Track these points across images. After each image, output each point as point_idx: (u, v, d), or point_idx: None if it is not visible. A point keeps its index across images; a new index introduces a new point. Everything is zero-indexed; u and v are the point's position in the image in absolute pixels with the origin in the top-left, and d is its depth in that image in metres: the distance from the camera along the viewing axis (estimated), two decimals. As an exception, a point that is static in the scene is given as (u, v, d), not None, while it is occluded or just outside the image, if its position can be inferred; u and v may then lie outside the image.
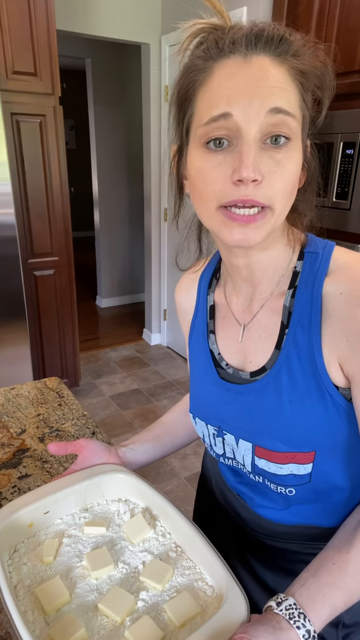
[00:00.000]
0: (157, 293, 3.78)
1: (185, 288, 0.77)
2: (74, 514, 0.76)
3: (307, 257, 0.60)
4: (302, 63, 0.51)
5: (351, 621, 0.71)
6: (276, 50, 0.50)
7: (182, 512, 0.70)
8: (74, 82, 6.09)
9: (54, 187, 2.56)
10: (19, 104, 2.33)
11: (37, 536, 0.71)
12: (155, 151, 3.39)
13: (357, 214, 1.91)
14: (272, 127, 0.49)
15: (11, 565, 0.66)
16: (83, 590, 0.63)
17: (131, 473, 0.79)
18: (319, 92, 0.54)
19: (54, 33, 2.31)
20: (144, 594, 0.62)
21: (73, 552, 0.69)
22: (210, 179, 0.51)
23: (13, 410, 1.13)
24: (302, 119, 0.53)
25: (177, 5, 2.93)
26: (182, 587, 0.63)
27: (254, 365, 0.64)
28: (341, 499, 0.67)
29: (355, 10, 1.85)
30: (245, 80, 0.49)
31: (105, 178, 4.37)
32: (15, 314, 2.41)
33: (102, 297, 4.78)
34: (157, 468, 2.42)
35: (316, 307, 0.57)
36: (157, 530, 0.72)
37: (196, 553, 0.66)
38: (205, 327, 0.71)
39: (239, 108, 0.49)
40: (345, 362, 0.57)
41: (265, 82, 0.49)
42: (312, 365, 0.58)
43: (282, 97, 0.49)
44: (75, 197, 6.33)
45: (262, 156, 0.50)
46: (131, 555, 0.69)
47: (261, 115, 0.49)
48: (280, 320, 0.61)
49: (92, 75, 4.04)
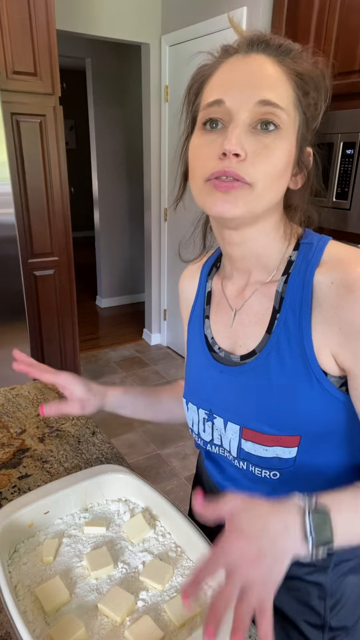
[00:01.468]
0: (157, 293, 3.78)
1: (190, 275, 0.80)
2: (74, 514, 0.76)
3: (302, 247, 0.63)
4: (299, 65, 0.56)
5: (338, 624, 0.71)
6: (275, 52, 0.56)
7: (182, 512, 0.70)
8: (74, 82, 6.09)
9: (54, 187, 2.56)
10: (19, 104, 2.33)
11: (37, 536, 0.71)
12: (155, 151, 3.39)
13: (357, 214, 1.91)
14: (261, 115, 0.54)
15: (11, 565, 0.66)
16: (83, 590, 0.63)
17: (131, 473, 0.79)
18: (316, 95, 0.58)
19: (54, 33, 2.31)
20: (144, 594, 0.62)
21: (73, 552, 0.69)
22: (202, 155, 0.56)
23: (13, 410, 1.13)
24: (296, 117, 0.57)
25: (177, 5, 2.93)
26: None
27: (243, 349, 0.67)
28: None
29: (355, 11, 1.85)
30: (241, 72, 0.55)
31: (105, 178, 4.37)
32: (15, 314, 2.41)
33: (102, 297, 4.78)
34: (157, 468, 2.42)
35: (307, 294, 0.59)
36: (157, 530, 0.73)
37: (196, 553, 0.66)
38: (202, 313, 0.74)
39: (231, 96, 0.54)
40: (339, 353, 0.58)
41: (259, 75, 0.54)
42: (301, 349, 0.60)
43: (273, 91, 0.54)
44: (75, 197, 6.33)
45: (250, 138, 0.54)
46: (131, 555, 0.69)
47: (250, 104, 0.53)
48: (272, 306, 0.63)
49: (92, 75, 4.04)
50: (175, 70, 3.07)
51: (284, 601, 0.73)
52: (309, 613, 0.72)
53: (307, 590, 0.72)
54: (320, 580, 0.71)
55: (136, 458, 2.50)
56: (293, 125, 0.56)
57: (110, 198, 4.45)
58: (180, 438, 2.67)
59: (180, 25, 2.91)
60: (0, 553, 0.64)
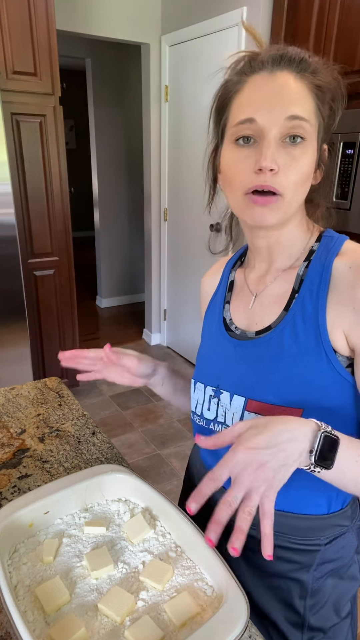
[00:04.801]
0: (157, 293, 3.77)
1: (212, 272, 0.87)
2: (74, 514, 0.76)
3: (324, 239, 0.70)
4: (318, 79, 0.62)
5: (316, 624, 0.72)
6: (297, 67, 0.61)
7: (182, 512, 0.70)
8: (74, 82, 6.09)
9: (54, 187, 2.56)
10: (19, 104, 2.33)
11: (37, 536, 0.71)
12: (155, 151, 3.39)
13: (357, 214, 1.91)
14: (289, 129, 0.60)
15: (11, 565, 0.66)
16: (83, 590, 0.63)
17: (131, 473, 0.79)
18: (333, 104, 0.65)
19: (54, 33, 2.31)
20: (144, 593, 0.62)
21: (73, 552, 0.69)
22: (239, 170, 0.62)
23: (13, 410, 1.13)
24: (317, 125, 0.63)
25: (177, 5, 2.93)
26: (182, 587, 0.63)
27: (259, 326, 0.72)
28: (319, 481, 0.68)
29: (355, 10, 1.85)
30: (269, 91, 0.60)
31: (105, 178, 4.37)
32: (15, 314, 2.41)
33: (102, 297, 4.78)
34: (157, 468, 2.42)
35: (325, 276, 0.65)
36: (157, 530, 0.72)
37: (196, 553, 0.66)
38: (222, 299, 0.80)
39: (262, 115, 0.60)
40: (350, 332, 0.62)
41: (286, 93, 0.60)
42: (315, 325, 0.64)
43: (299, 106, 0.60)
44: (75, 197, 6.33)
45: (280, 151, 0.60)
46: (131, 555, 0.69)
47: (280, 120, 0.59)
48: (292, 287, 0.69)
49: (92, 75, 4.04)
50: (175, 70, 3.07)
51: (265, 599, 0.74)
52: (289, 612, 0.73)
53: (289, 588, 0.73)
54: (302, 578, 0.72)
55: (136, 458, 2.50)
56: (315, 132, 0.62)
57: (110, 198, 4.45)
58: (180, 438, 2.67)
59: (180, 25, 2.91)
60: (0, 553, 0.64)
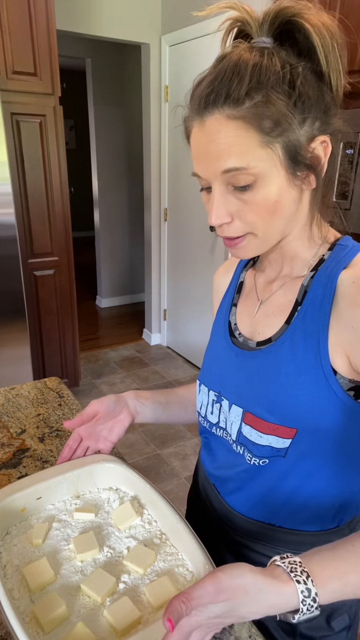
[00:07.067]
0: (157, 293, 3.78)
1: (225, 269, 0.84)
2: (66, 501, 0.78)
3: (336, 248, 0.64)
4: (262, 99, 0.52)
5: (307, 633, 0.72)
6: (228, 103, 0.52)
7: (169, 502, 0.72)
8: (74, 82, 6.09)
9: (54, 187, 2.56)
10: (19, 104, 2.33)
11: (29, 520, 0.74)
12: (155, 151, 3.39)
13: (357, 214, 1.91)
14: (229, 180, 0.56)
15: (2, 546, 0.69)
16: (68, 572, 0.66)
17: (122, 463, 0.81)
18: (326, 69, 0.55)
19: (54, 33, 2.31)
20: (126, 576, 0.65)
21: (61, 536, 0.72)
22: (208, 211, 0.61)
23: (13, 410, 1.13)
24: (272, 152, 0.54)
25: (177, 5, 2.93)
26: (163, 572, 0.65)
27: (261, 336, 0.69)
28: (314, 500, 0.67)
29: (355, 10, 1.85)
30: (201, 145, 0.56)
31: (105, 178, 4.37)
32: (15, 314, 2.41)
33: (102, 297, 4.78)
34: (157, 468, 2.42)
35: (329, 290, 0.60)
36: (144, 518, 0.75)
37: (179, 540, 0.68)
38: (230, 301, 0.78)
39: (201, 171, 0.58)
40: (351, 352, 0.58)
41: (214, 147, 0.55)
42: (316, 343, 0.60)
43: (231, 156, 0.54)
44: (75, 197, 6.33)
45: (230, 199, 0.57)
46: (117, 541, 0.71)
47: (218, 175, 0.56)
48: (295, 299, 0.65)
49: (92, 75, 4.04)
50: (175, 70, 3.07)
51: None
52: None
53: None
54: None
55: (136, 458, 2.50)
56: (271, 163, 0.54)
57: (110, 198, 4.45)
58: (180, 438, 2.67)
59: (180, 25, 2.91)
60: None
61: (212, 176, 0.56)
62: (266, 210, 0.57)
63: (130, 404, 0.85)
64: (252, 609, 0.48)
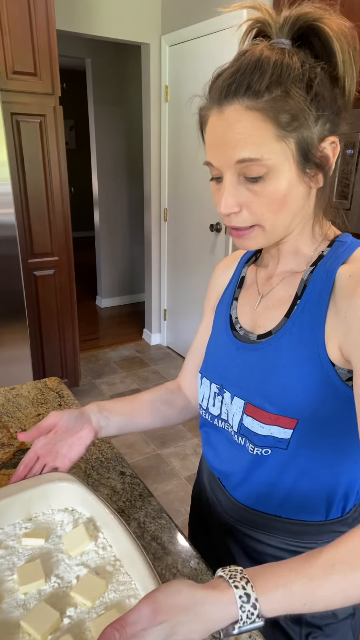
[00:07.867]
0: (157, 293, 3.78)
1: (225, 265, 0.85)
2: (16, 524, 0.73)
3: (335, 244, 0.66)
4: (277, 99, 0.54)
5: (312, 621, 0.72)
6: (248, 94, 0.54)
7: (125, 525, 0.68)
8: (74, 82, 6.09)
9: (54, 187, 2.56)
10: (19, 104, 2.33)
11: None
12: (155, 151, 3.39)
13: (357, 214, 1.91)
14: (242, 170, 0.57)
15: None
16: (9, 606, 0.61)
17: (78, 482, 0.77)
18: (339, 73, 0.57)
19: (54, 33, 2.31)
20: (72, 610, 0.60)
21: (6, 565, 0.67)
22: (216, 201, 0.62)
23: (13, 410, 1.13)
24: (285, 146, 0.56)
25: (177, 5, 2.93)
26: (113, 604, 0.61)
27: (262, 329, 0.70)
28: (318, 490, 0.68)
29: (355, 10, 1.85)
30: (218, 135, 0.58)
31: (105, 178, 4.37)
32: (15, 314, 2.41)
33: (102, 297, 4.78)
34: (157, 468, 2.42)
35: (328, 284, 0.62)
36: (99, 542, 0.71)
37: (134, 567, 0.64)
38: (232, 295, 0.79)
39: (215, 160, 0.59)
40: (343, 342, 0.59)
41: (231, 136, 0.56)
42: (313, 336, 0.62)
43: (247, 146, 0.55)
44: (75, 197, 6.32)
45: (241, 189, 0.59)
46: (66, 569, 0.67)
47: (231, 164, 0.57)
48: (295, 293, 0.67)
49: (92, 75, 4.04)
50: (175, 70, 3.07)
51: None
52: None
53: None
54: None
55: (136, 458, 2.50)
56: (284, 157, 0.56)
57: (110, 198, 4.45)
58: (180, 438, 2.67)
59: (180, 25, 2.91)
60: None
61: (226, 165, 0.58)
62: (275, 202, 0.58)
63: (93, 418, 0.82)
64: (193, 626, 0.46)
